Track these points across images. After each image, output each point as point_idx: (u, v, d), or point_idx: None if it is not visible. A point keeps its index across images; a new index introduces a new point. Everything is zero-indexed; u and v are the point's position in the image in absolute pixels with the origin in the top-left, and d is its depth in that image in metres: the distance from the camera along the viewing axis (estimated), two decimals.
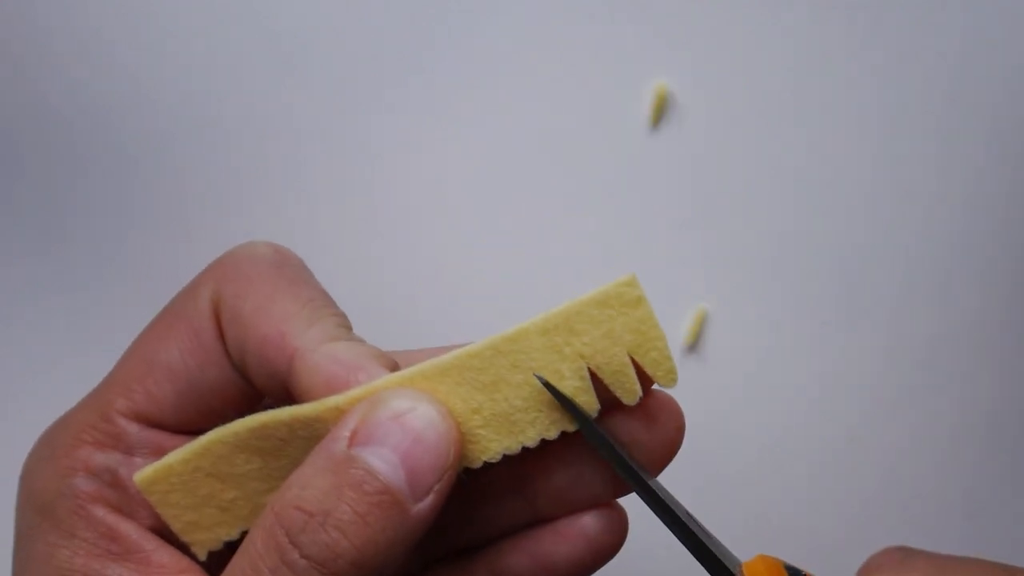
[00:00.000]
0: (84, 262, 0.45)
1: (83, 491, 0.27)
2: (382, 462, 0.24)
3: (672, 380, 0.27)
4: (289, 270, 0.28)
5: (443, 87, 0.45)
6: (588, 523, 0.28)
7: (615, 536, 0.28)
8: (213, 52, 0.44)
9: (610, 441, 0.27)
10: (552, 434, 0.27)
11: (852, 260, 0.46)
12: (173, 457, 0.27)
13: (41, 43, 0.44)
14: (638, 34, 0.45)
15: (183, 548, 0.28)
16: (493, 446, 0.27)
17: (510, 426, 0.26)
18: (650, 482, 0.27)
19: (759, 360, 0.47)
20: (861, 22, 0.45)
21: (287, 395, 0.27)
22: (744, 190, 0.46)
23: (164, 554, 0.27)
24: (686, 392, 0.46)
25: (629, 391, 0.27)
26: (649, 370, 0.26)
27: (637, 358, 0.26)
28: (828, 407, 0.47)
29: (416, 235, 0.46)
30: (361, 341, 0.27)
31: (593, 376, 0.26)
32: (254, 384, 0.28)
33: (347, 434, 0.25)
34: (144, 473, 0.27)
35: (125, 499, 0.28)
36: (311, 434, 0.26)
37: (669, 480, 0.47)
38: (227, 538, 0.28)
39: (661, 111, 0.45)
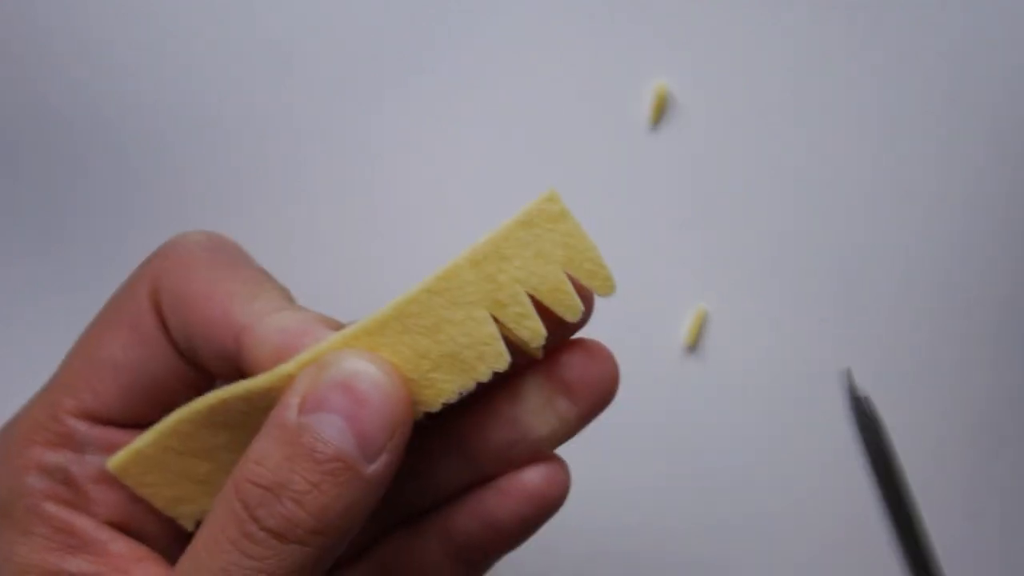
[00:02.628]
0: (83, 262, 0.45)
1: (36, 489, 0.28)
2: (331, 428, 0.25)
3: (610, 288, 0.27)
4: (224, 254, 0.29)
5: (442, 87, 0.45)
6: (529, 478, 0.28)
7: (558, 488, 0.29)
8: (213, 52, 0.44)
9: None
10: (502, 366, 0.26)
11: (852, 260, 0.46)
12: (141, 442, 0.27)
13: (41, 43, 0.44)
14: (638, 34, 0.45)
15: (139, 538, 0.28)
16: (448, 387, 0.26)
17: (460, 364, 0.26)
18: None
19: (759, 360, 0.47)
20: (861, 22, 0.45)
21: (239, 374, 0.27)
22: (744, 190, 0.46)
23: (120, 544, 0.28)
24: (686, 392, 0.47)
25: (570, 307, 0.27)
26: (586, 281, 0.27)
27: (572, 272, 0.26)
28: (828, 407, 0.47)
29: (415, 235, 0.46)
30: (305, 309, 0.28)
31: (533, 300, 0.26)
32: (206, 368, 0.28)
33: (296, 401, 0.25)
34: (116, 460, 0.27)
35: (78, 496, 0.28)
36: (269, 404, 0.26)
37: (669, 477, 0.47)
38: (210, 507, 0.28)
39: (661, 111, 0.45)
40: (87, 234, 0.45)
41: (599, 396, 0.28)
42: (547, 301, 0.26)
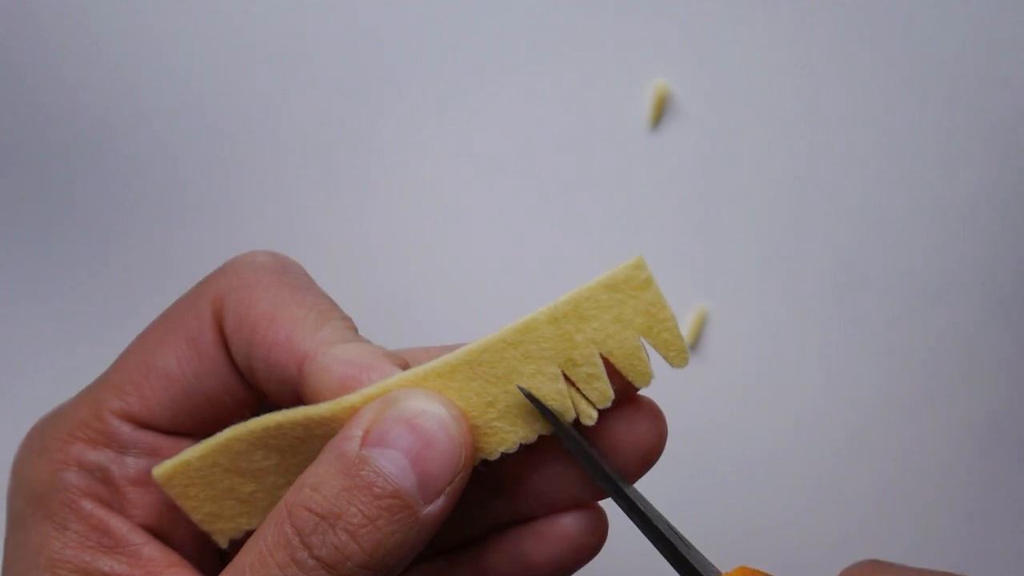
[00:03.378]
0: (80, 264, 0.45)
1: (74, 485, 0.28)
2: (393, 465, 0.25)
3: (684, 360, 0.27)
4: (291, 277, 0.29)
5: (443, 89, 0.45)
6: (568, 524, 0.28)
7: (595, 538, 0.29)
8: (213, 54, 0.44)
9: (587, 448, 0.26)
10: (568, 420, 0.27)
11: (852, 260, 0.46)
12: (191, 453, 0.27)
13: (41, 47, 0.44)
14: (638, 34, 0.45)
15: (170, 544, 0.28)
16: (510, 437, 0.27)
17: (525, 416, 0.26)
18: (626, 489, 0.27)
19: (759, 360, 0.47)
20: (862, 21, 0.45)
21: (296, 400, 0.27)
22: (744, 190, 0.46)
23: (154, 549, 0.28)
24: (686, 392, 0.47)
25: (642, 374, 0.26)
26: (661, 351, 0.26)
27: (648, 340, 0.26)
28: (828, 407, 0.47)
29: (415, 238, 0.46)
30: (369, 342, 0.28)
31: (605, 362, 0.26)
32: (262, 390, 0.28)
33: (359, 433, 0.25)
34: (163, 468, 0.27)
35: (116, 496, 0.28)
36: (327, 433, 0.26)
37: (670, 479, 0.47)
38: (248, 527, 0.28)
39: (661, 111, 0.45)
40: (83, 235, 0.45)
41: (644, 455, 0.28)
42: (620, 365, 0.26)
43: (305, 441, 0.27)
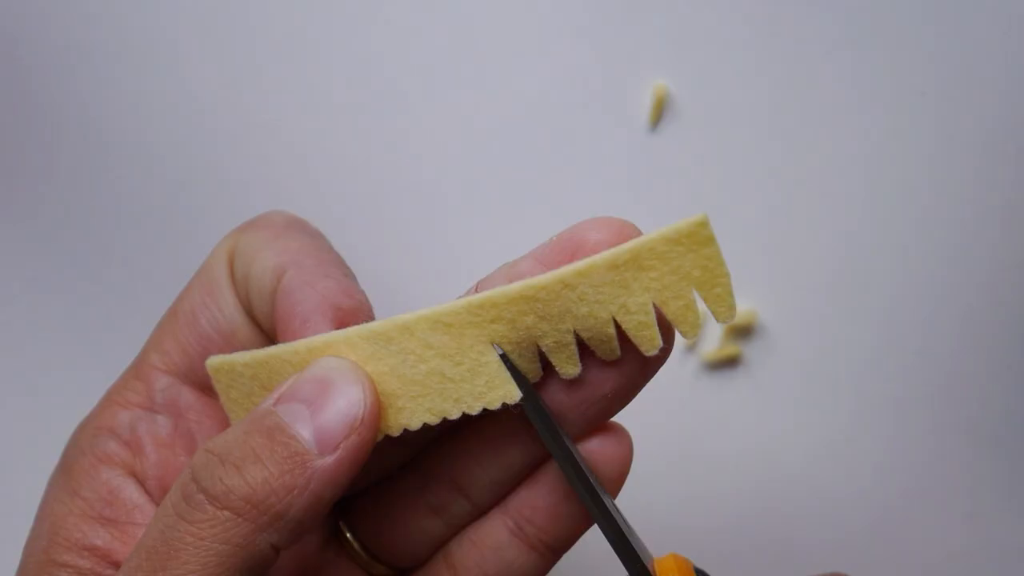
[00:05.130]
0: (80, 263, 0.45)
1: (100, 451, 0.29)
2: (293, 414, 0.26)
3: (731, 317, 0.27)
4: (299, 225, 0.32)
5: (443, 88, 0.45)
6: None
7: None
8: (211, 51, 0.44)
9: (548, 413, 0.27)
10: (615, 357, 0.28)
11: (851, 260, 0.46)
12: (240, 357, 0.29)
13: (41, 47, 0.44)
14: (638, 34, 0.45)
15: None
16: (566, 367, 0.28)
17: (572, 354, 0.27)
18: (581, 463, 0.27)
19: (758, 359, 0.47)
20: (861, 21, 0.45)
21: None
22: (744, 191, 0.46)
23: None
24: (684, 391, 0.47)
25: (691, 325, 0.27)
26: (711, 306, 0.27)
27: (701, 294, 0.27)
28: (827, 406, 0.47)
29: (415, 238, 0.46)
30: (349, 281, 0.30)
31: (657, 312, 0.27)
32: (258, 323, 0.31)
33: (275, 396, 0.27)
34: (215, 360, 0.29)
35: (138, 461, 0.30)
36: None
37: (668, 477, 0.47)
38: None
39: (661, 111, 0.45)
40: (82, 234, 0.45)
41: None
42: (671, 316, 0.27)
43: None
